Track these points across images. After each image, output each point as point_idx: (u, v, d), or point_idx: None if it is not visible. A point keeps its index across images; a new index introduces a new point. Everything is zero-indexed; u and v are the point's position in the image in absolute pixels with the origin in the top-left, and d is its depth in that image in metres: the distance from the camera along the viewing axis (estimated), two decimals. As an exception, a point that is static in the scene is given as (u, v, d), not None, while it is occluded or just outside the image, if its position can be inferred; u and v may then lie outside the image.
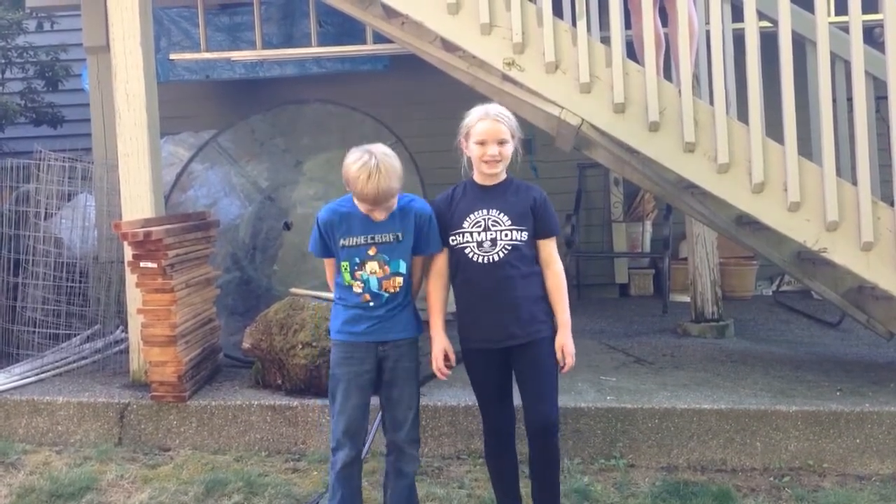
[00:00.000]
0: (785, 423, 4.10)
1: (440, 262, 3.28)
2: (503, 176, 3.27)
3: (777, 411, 4.12)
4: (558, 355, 3.22)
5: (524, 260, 3.18)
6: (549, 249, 3.25)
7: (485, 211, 3.19)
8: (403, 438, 3.27)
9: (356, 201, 3.19)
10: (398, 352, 3.24)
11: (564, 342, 3.21)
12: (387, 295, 3.21)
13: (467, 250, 3.19)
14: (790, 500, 3.73)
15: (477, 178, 3.28)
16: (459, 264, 3.22)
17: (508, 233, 3.16)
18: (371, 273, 3.20)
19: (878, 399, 4.23)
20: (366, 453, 3.92)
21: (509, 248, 3.16)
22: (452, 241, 3.23)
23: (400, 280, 3.22)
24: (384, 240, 3.20)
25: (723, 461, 4.11)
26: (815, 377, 4.69)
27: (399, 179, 3.12)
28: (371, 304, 3.21)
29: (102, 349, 5.49)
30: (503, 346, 3.20)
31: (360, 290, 3.22)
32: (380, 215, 3.17)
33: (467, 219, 3.20)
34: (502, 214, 3.17)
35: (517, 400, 3.32)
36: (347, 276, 3.22)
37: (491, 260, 3.16)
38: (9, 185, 5.53)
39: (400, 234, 3.21)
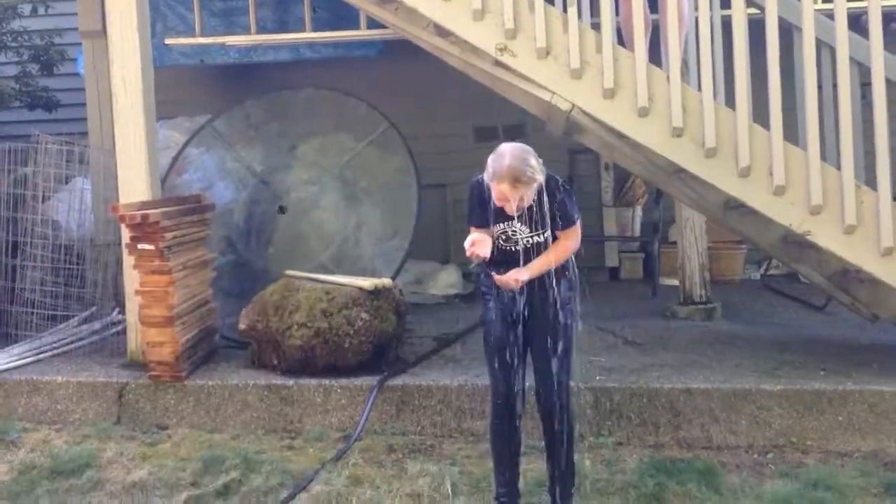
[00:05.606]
0: (769, 401, 4.20)
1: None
2: None
3: (762, 390, 4.22)
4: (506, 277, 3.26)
5: (547, 243, 3.32)
6: (565, 234, 3.34)
7: (507, 223, 3.30)
8: None
9: None
10: None
11: (517, 274, 3.23)
12: None
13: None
14: (774, 475, 3.82)
15: None
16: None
17: (529, 238, 3.31)
18: None
19: (860, 378, 4.33)
20: (359, 432, 4.03)
21: (531, 243, 3.31)
22: None
23: None
24: None
25: (709, 439, 4.20)
26: (801, 358, 4.77)
27: None
28: None
29: (100, 331, 5.56)
30: (523, 301, 3.28)
31: None
32: None
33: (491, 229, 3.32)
34: (522, 225, 3.30)
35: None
36: None
37: (514, 249, 3.31)
38: (6, 167, 5.58)
39: None
